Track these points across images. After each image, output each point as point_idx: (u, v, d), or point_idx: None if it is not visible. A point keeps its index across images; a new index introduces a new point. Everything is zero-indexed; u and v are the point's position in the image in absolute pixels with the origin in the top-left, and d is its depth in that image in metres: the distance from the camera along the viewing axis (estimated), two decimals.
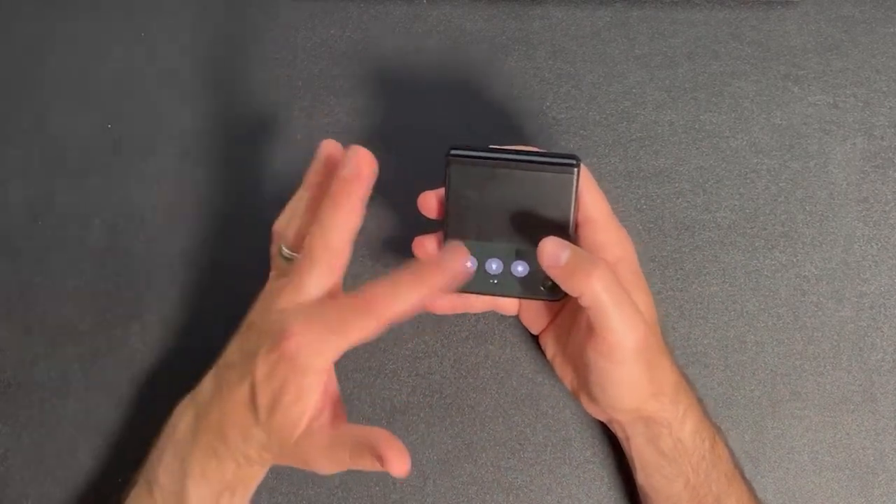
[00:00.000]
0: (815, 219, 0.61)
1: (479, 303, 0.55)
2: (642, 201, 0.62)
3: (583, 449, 0.58)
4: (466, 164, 0.51)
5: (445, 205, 0.52)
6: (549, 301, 0.53)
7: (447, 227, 0.52)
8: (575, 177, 0.50)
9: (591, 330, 0.49)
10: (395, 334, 0.60)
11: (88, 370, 0.59)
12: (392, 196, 0.62)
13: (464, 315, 0.60)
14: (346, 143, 0.63)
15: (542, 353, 0.59)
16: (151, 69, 0.65)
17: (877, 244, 0.61)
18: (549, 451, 0.59)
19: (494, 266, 0.52)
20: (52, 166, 0.64)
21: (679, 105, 0.63)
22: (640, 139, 0.63)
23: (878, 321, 0.60)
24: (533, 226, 0.51)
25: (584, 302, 0.48)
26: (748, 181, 0.62)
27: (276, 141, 0.63)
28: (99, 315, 0.61)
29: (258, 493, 0.58)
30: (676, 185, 0.62)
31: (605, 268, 0.47)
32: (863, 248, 0.61)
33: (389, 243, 0.61)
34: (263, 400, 0.46)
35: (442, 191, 0.52)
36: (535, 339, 0.59)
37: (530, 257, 0.51)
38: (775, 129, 0.63)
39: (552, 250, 0.48)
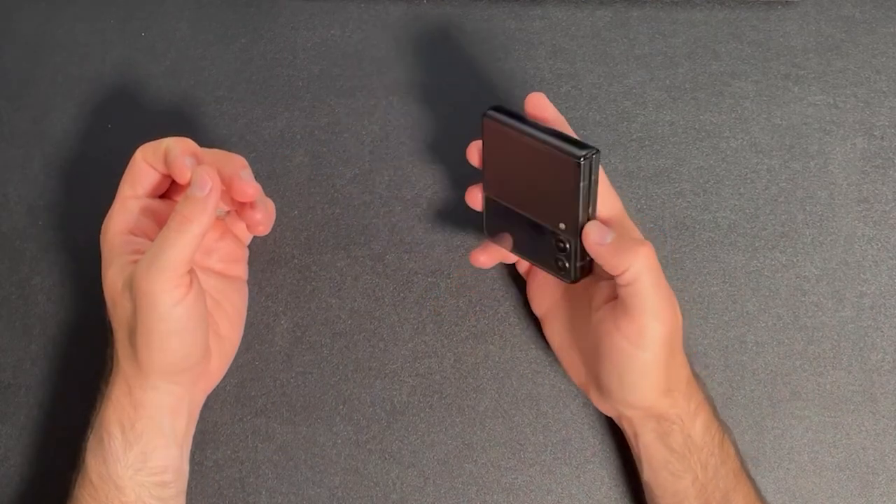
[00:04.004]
0: (815, 219, 0.61)
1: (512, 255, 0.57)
2: (642, 201, 0.62)
3: (583, 449, 0.58)
4: (496, 128, 0.51)
5: (482, 160, 0.53)
6: (563, 281, 0.54)
7: (484, 182, 0.54)
8: (580, 169, 0.48)
9: (622, 312, 0.49)
10: (396, 334, 0.60)
11: (89, 370, 0.59)
12: (392, 196, 0.62)
13: (464, 315, 0.60)
14: (348, 143, 0.63)
15: (546, 344, 0.58)
16: (151, 69, 0.65)
17: (877, 244, 0.61)
18: (549, 451, 0.59)
19: (520, 231, 0.53)
20: (52, 166, 0.64)
21: (679, 105, 0.63)
22: (640, 139, 0.63)
23: (878, 321, 0.60)
24: (548, 203, 0.51)
25: (624, 279, 0.48)
26: (748, 181, 0.62)
27: (276, 141, 0.63)
28: (100, 316, 0.61)
29: (258, 492, 0.58)
30: (676, 185, 0.62)
31: (651, 249, 0.49)
32: (863, 248, 0.61)
33: (390, 243, 0.61)
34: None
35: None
36: (535, 338, 0.59)
37: (546, 234, 0.52)
38: (775, 129, 0.63)
39: (598, 231, 0.49)
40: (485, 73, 0.64)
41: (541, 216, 0.52)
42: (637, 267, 0.48)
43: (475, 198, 0.55)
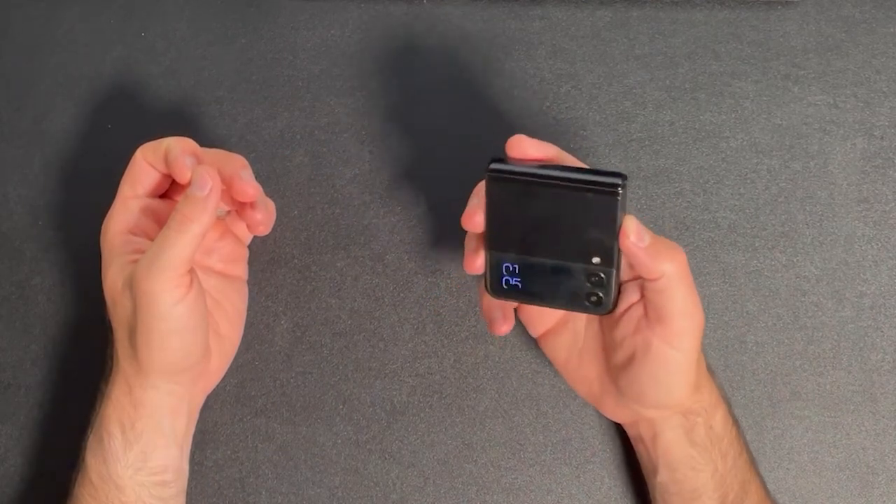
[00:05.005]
0: (815, 219, 0.61)
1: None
2: (642, 201, 0.62)
3: (583, 449, 0.59)
4: (506, 180, 0.49)
5: (486, 218, 0.50)
6: (597, 314, 0.52)
7: (488, 239, 0.50)
8: (619, 198, 0.47)
9: (655, 315, 0.49)
10: (396, 334, 0.60)
11: (89, 370, 0.59)
12: (392, 196, 0.62)
13: (464, 315, 0.60)
14: (348, 143, 0.63)
15: (544, 355, 0.58)
16: (151, 69, 0.65)
17: (877, 244, 0.61)
18: (549, 451, 0.59)
19: (539, 279, 0.51)
20: (52, 166, 0.64)
21: (679, 105, 0.63)
22: (640, 139, 0.63)
23: (878, 321, 0.60)
24: (577, 242, 0.49)
25: (659, 285, 0.48)
26: (748, 181, 0.62)
27: (276, 141, 0.63)
28: (100, 316, 0.61)
29: (258, 492, 0.58)
30: (676, 185, 0.62)
31: (684, 255, 0.49)
32: (863, 248, 0.61)
33: (390, 243, 0.61)
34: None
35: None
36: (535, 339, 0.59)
37: (575, 273, 0.50)
38: (775, 129, 0.63)
39: (637, 230, 0.48)
40: (485, 73, 0.64)
41: (569, 257, 0.50)
42: (672, 272, 0.48)
43: (475, 263, 0.51)
